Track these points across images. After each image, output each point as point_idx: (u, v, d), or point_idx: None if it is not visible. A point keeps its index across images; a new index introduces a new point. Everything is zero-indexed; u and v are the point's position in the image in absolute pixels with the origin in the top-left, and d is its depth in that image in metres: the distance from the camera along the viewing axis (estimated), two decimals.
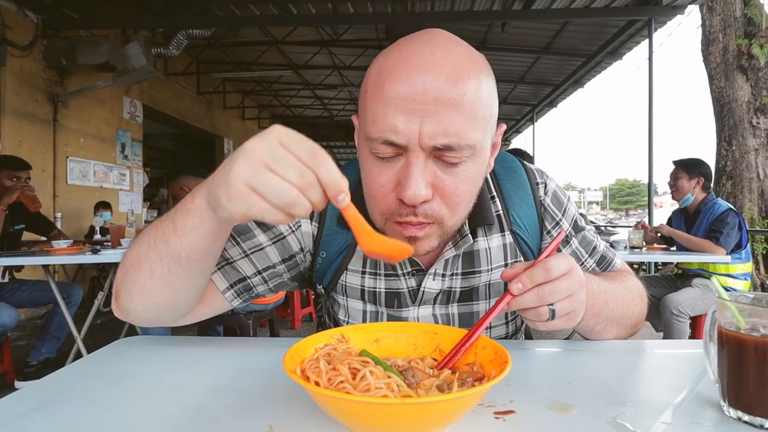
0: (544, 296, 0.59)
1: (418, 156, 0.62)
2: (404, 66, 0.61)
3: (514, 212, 0.86)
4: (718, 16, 6.14)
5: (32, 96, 5.54)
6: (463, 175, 0.65)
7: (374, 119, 0.63)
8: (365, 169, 0.68)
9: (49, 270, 3.04)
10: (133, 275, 0.67)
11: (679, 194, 3.25)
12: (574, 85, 9.05)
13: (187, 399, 0.59)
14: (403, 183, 0.63)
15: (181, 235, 0.61)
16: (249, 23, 6.40)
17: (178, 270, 0.64)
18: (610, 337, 0.82)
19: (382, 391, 0.46)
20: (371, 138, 0.64)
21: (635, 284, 0.87)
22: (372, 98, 0.64)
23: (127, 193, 7.33)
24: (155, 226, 0.65)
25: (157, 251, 0.64)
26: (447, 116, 0.60)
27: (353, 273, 0.85)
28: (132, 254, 0.68)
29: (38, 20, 5.59)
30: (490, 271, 0.84)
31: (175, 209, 0.62)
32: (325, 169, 0.49)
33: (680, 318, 2.89)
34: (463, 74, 0.61)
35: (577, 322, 0.65)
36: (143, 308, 0.70)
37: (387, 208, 0.67)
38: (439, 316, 0.85)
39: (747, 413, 0.50)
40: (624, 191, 79.30)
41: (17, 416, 0.54)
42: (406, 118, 0.60)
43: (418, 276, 0.83)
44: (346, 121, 14.43)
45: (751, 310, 0.52)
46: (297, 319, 4.54)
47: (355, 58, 8.77)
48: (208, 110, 10.29)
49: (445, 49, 0.62)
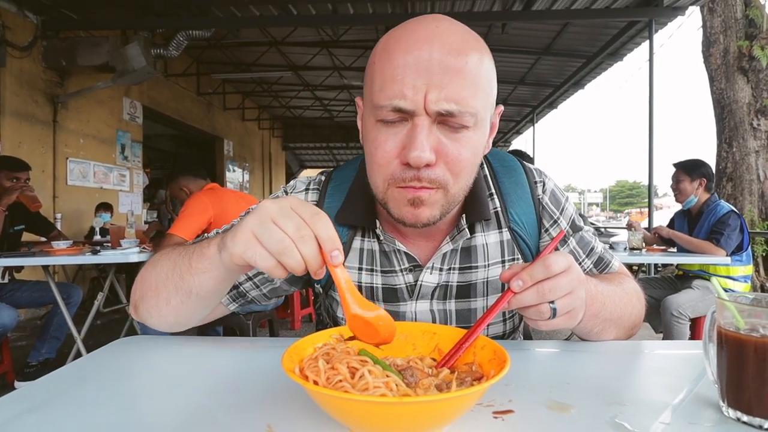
0: (544, 293, 0.59)
1: (424, 120, 0.65)
2: (411, 37, 0.65)
3: (512, 210, 0.87)
4: (719, 18, 6.15)
5: (32, 97, 5.55)
6: (465, 142, 0.68)
7: (382, 87, 0.66)
8: (370, 139, 0.71)
9: (48, 271, 3.04)
10: (151, 299, 0.76)
11: (682, 197, 3.24)
12: (575, 86, 9.05)
13: (187, 398, 0.59)
14: (408, 146, 0.66)
15: (194, 274, 0.68)
16: (249, 24, 6.41)
17: (189, 303, 0.72)
18: (608, 338, 0.82)
19: (381, 390, 0.46)
20: (379, 105, 0.66)
21: (633, 286, 0.87)
22: (380, 68, 0.67)
23: (127, 194, 7.33)
24: (174, 259, 0.72)
25: (173, 284, 0.71)
26: (451, 83, 0.63)
27: (350, 270, 0.85)
28: (151, 279, 0.76)
29: (38, 21, 5.60)
30: (487, 267, 0.85)
31: (193, 250, 0.69)
32: (323, 227, 0.52)
33: (680, 320, 2.88)
34: (466, 45, 0.65)
35: (577, 320, 0.65)
36: (158, 323, 0.79)
37: (391, 173, 0.69)
38: (436, 312, 0.85)
39: (746, 414, 0.50)
40: (624, 193, 79.33)
41: (16, 415, 0.54)
42: (413, 84, 0.63)
43: (416, 272, 0.83)
44: (347, 122, 14.44)
45: (751, 311, 0.51)
46: (297, 319, 4.53)
47: (355, 59, 8.77)
48: (208, 111, 10.29)
49: (449, 23, 0.67)
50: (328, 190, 0.90)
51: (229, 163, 11.35)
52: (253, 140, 13.15)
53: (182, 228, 2.72)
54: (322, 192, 0.90)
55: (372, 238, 0.85)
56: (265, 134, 13.94)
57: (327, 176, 0.93)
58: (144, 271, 0.78)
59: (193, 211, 2.77)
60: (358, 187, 0.85)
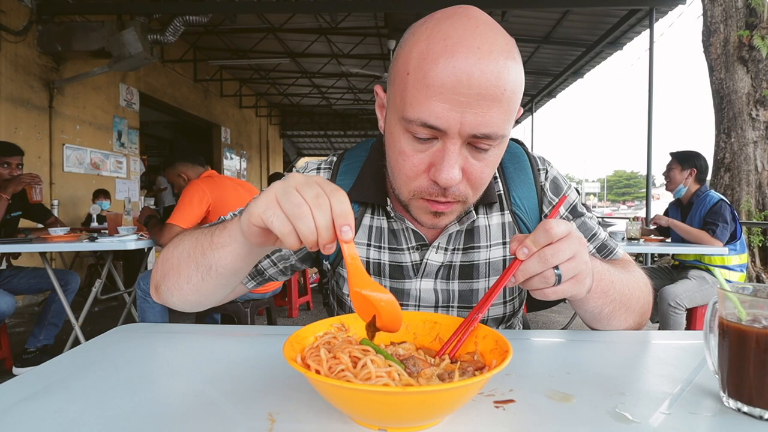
0: (546, 258, 0.59)
1: (455, 142, 0.65)
2: (450, 57, 0.62)
3: (515, 193, 0.90)
4: (719, 7, 6.10)
5: (27, 82, 5.49)
6: (489, 160, 0.70)
7: (415, 102, 0.65)
8: (397, 147, 0.70)
9: (46, 257, 3.03)
10: (172, 278, 0.77)
11: (671, 185, 3.31)
12: (574, 75, 9.02)
13: (187, 386, 0.59)
14: (438, 166, 0.66)
15: (214, 248, 0.68)
16: (246, 9, 6.33)
17: (209, 280, 0.72)
18: (620, 323, 0.82)
19: (383, 379, 0.46)
20: (410, 119, 0.66)
21: (639, 272, 0.88)
22: (413, 82, 0.65)
23: (124, 180, 7.30)
24: (196, 236, 0.73)
25: (194, 260, 0.72)
26: (488, 110, 0.63)
27: (358, 246, 0.88)
28: (173, 258, 0.77)
29: (33, 5, 5.52)
30: (489, 248, 0.87)
31: (216, 227, 0.70)
32: (338, 201, 0.52)
33: (677, 310, 2.91)
34: (504, 70, 0.63)
35: (585, 287, 0.64)
36: (179, 303, 0.80)
37: (418, 186, 0.71)
38: (440, 291, 0.87)
39: (747, 404, 0.50)
40: (622, 183, 79.39)
41: (16, 402, 0.54)
42: (449, 107, 0.62)
43: (422, 251, 0.86)
44: (345, 110, 14.38)
45: (753, 302, 0.51)
46: (294, 307, 4.55)
47: (353, 46, 8.71)
48: (205, 98, 10.21)
49: (490, 43, 0.63)
50: (340, 168, 0.93)
51: (226, 151, 11.30)
52: (251, 128, 13.09)
53: (182, 217, 2.72)
54: (334, 171, 0.93)
55: (381, 215, 0.89)
56: (262, 122, 13.87)
57: (339, 157, 0.96)
58: (165, 251, 0.80)
59: (192, 199, 2.76)
60: (370, 167, 0.88)
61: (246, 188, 3.08)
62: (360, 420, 0.47)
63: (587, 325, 0.87)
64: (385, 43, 8.50)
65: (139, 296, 2.83)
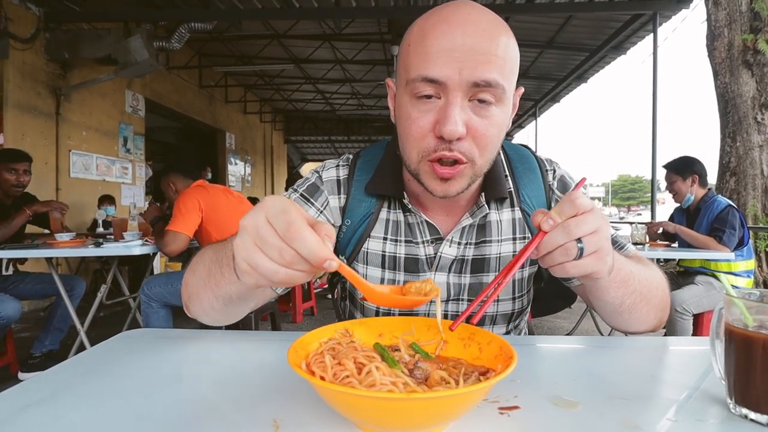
0: (570, 230, 0.58)
1: (456, 96, 0.69)
2: (445, 23, 0.70)
3: (524, 191, 0.93)
4: (723, 11, 6.08)
5: (34, 89, 5.54)
6: (492, 118, 0.73)
7: (417, 63, 0.71)
8: (404, 116, 0.75)
9: (52, 263, 3.04)
10: (196, 304, 0.79)
11: (678, 197, 3.25)
12: (578, 80, 9.02)
13: (190, 392, 0.59)
14: (442, 120, 0.70)
15: (227, 283, 0.71)
16: (251, 16, 6.38)
17: (231, 306, 0.77)
18: (641, 317, 0.81)
19: (388, 387, 0.46)
20: (412, 79, 0.71)
21: (654, 266, 0.87)
22: (414, 49, 0.72)
23: (130, 186, 7.34)
24: (208, 266, 0.74)
25: (212, 290, 0.74)
26: (484, 63, 0.69)
27: (375, 239, 0.91)
28: (192, 285, 0.79)
29: (40, 13, 5.58)
30: (500, 242, 0.90)
31: (223, 255, 0.70)
32: (300, 244, 0.48)
33: (684, 316, 2.88)
34: (495, 30, 0.70)
35: (606, 264, 0.63)
36: (211, 323, 0.85)
37: (425, 147, 0.74)
38: (452, 285, 0.89)
39: (754, 410, 0.50)
40: (626, 187, 79.07)
41: (21, 408, 0.54)
42: (448, 61, 0.69)
43: (436, 244, 0.89)
44: (348, 116, 14.41)
45: (759, 308, 0.51)
46: (298, 312, 4.55)
47: (357, 52, 8.74)
48: (209, 104, 10.27)
49: (480, 10, 0.72)
50: (357, 165, 0.96)
51: (230, 156, 11.34)
52: (255, 133, 13.13)
53: (182, 224, 2.79)
54: (352, 167, 0.96)
55: (397, 209, 0.91)
56: (266, 127, 13.92)
57: (355, 155, 0.99)
58: (186, 274, 0.82)
59: (186, 205, 2.85)
60: (387, 162, 0.92)
61: (235, 196, 3.19)
62: (364, 426, 0.47)
63: (606, 322, 0.86)
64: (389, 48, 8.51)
65: (144, 301, 2.83)
